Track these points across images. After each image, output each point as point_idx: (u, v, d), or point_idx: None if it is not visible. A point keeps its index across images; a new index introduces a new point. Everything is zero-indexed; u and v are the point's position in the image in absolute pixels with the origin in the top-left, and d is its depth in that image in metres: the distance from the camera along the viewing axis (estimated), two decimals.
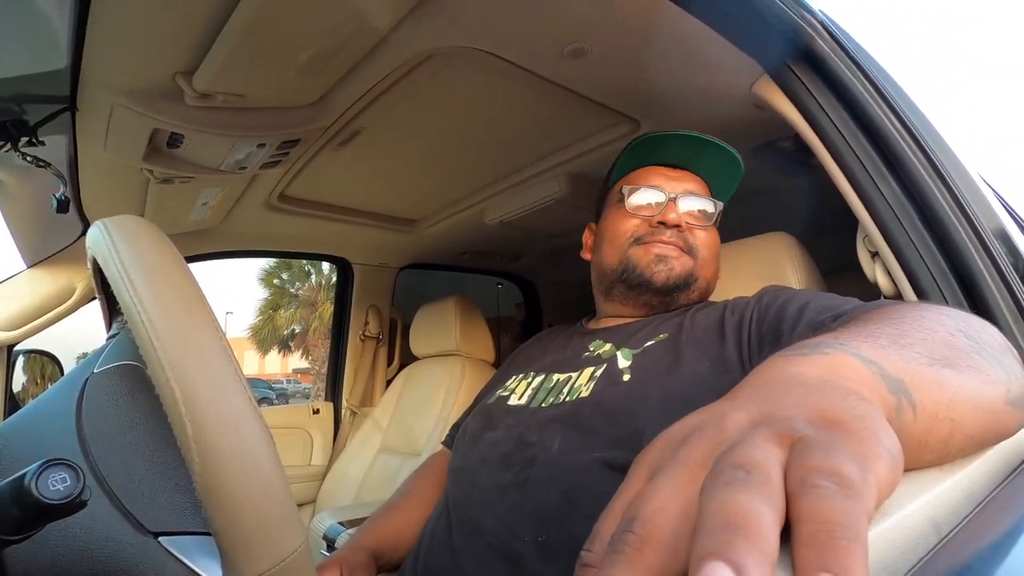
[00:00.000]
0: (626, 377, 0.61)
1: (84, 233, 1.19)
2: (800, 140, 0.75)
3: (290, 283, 15.72)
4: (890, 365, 0.27)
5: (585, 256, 0.84)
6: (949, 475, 0.27)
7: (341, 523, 1.15)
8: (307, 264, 14.30)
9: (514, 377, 0.75)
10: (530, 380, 0.71)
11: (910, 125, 0.66)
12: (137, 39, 0.71)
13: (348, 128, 1.01)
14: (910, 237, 0.65)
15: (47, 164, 0.89)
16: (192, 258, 1.49)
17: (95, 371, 0.39)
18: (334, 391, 1.82)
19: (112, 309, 0.46)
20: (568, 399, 0.62)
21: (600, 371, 0.64)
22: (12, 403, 1.25)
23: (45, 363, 1.36)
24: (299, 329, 16.00)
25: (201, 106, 0.84)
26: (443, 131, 1.05)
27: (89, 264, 0.40)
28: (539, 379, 0.70)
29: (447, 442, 0.84)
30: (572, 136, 1.09)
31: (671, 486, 0.18)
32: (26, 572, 0.31)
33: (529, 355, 0.82)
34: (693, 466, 0.19)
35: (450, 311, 1.52)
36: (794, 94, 0.73)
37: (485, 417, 0.70)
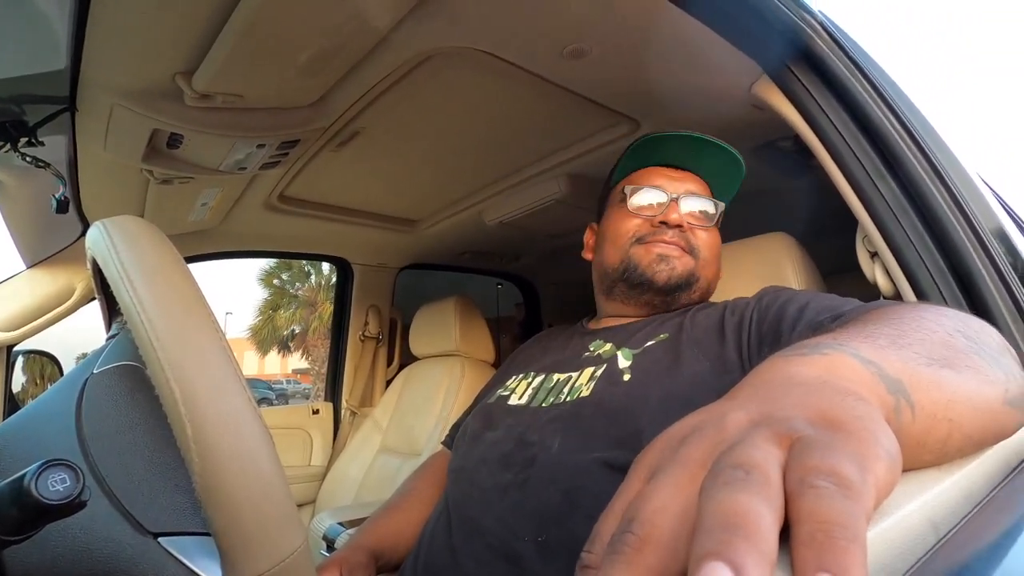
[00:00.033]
0: (626, 377, 0.61)
1: (83, 233, 1.19)
2: (800, 141, 0.75)
3: (290, 283, 15.72)
4: (889, 365, 0.27)
5: (586, 256, 0.84)
6: (947, 475, 0.27)
7: (341, 523, 1.14)
8: (307, 264, 14.29)
9: (514, 377, 0.75)
10: (530, 380, 0.71)
11: (909, 125, 0.66)
12: (137, 39, 0.71)
13: (348, 128, 1.01)
14: (909, 237, 0.65)
15: (47, 164, 0.89)
16: (192, 258, 1.49)
17: (95, 371, 0.39)
18: (334, 391, 1.82)
19: (112, 309, 0.46)
20: (568, 399, 0.62)
21: (600, 371, 0.64)
22: (11, 403, 1.25)
23: (44, 363, 1.36)
24: (299, 329, 15.99)
25: (201, 106, 0.84)
26: (443, 131, 1.05)
27: (89, 265, 0.40)
28: (539, 379, 0.70)
29: (447, 442, 0.84)
30: (572, 136, 1.09)
31: (670, 486, 0.18)
32: (26, 572, 0.31)
33: (529, 355, 0.82)
34: (692, 466, 0.19)
35: (450, 311, 1.52)
36: (793, 94, 0.73)
37: (485, 417, 0.70)
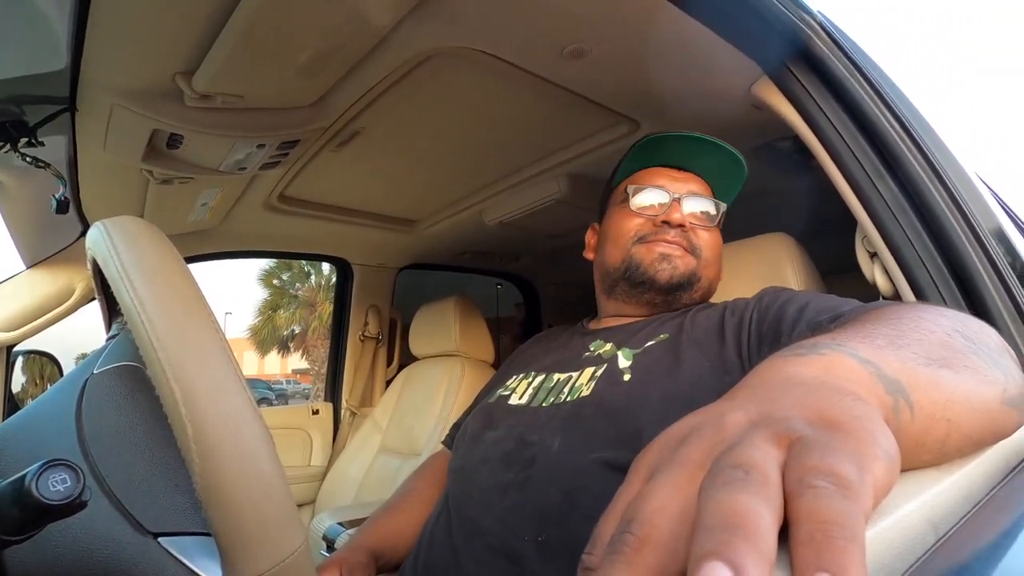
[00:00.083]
0: (626, 377, 0.61)
1: (83, 234, 1.19)
2: (799, 141, 0.75)
3: (290, 284, 15.71)
4: (887, 365, 0.27)
5: (588, 256, 0.84)
6: (946, 475, 0.27)
7: (341, 523, 1.15)
8: (307, 264, 14.29)
9: (515, 377, 0.75)
10: (531, 380, 0.71)
11: (908, 125, 0.66)
12: (137, 40, 0.71)
13: (348, 128, 1.01)
14: (908, 237, 0.65)
15: (46, 165, 0.89)
16: (192, 259, 1.49)
17: (95, 372, 0.39)
18: (333, 391, 1.82)
19: (112, 310, 0.46)
20: (569, 399, 0.62)
21: (601, 371, 0.64)
22: (11, 404, 1.25)
23: (44, 364, 1.36)
24: (298, 329, 15.99)
25: (201, 107, 0.84)
26: (443, 131, 1.05)
27: (89, 265, 0.40)
28: (540, 379, 0.70)
29: (447, 442, 0.85)
30: (572, 137, 1.09)
31: (670, 486, 0.18)
32: (26, 572, 0.31)
33: (530, 355, 0.82)
34: (692, 466, 0.19)
35: (450, 311, 1.52)
36: (793, 95, 0.73)
37: (485, 417, 0.70)
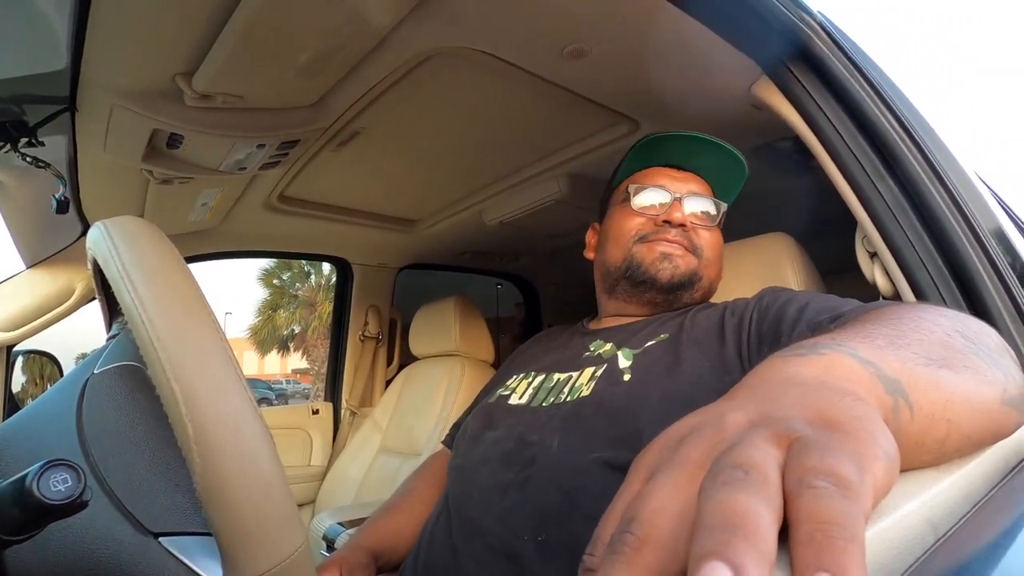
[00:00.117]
0: (627, 377, 0.61)
1: (84, 233, 1.19)
2: (799, 141, 0.75)
3: (290, 283, 15.71)
4: (887, 366, 0.27)
5: (588, 255, 0.84)
6: (946, 475, 0.27)
7: (341, 523, 1.15)
8: (307, 264, 14.29)
9: (515, 377, 0.75)
10: (531, 380, 0.71)
11: (908, 125, 0.66)
12: (137, 40, 0.71)
13: (348, 129, 1.01)
14: (908, 237, 0.65)
15: (47, 165, 0.89)
16: (192, 258, 1.49)
17: (95, 372, 0.39)
18: (333, 391, 1.82)
19: (112, 310, 0.46)
20: (569, 399, 0.62)
21: (601, 371, 0.64)
22: (11, 404, 1.25)
23: (44, 363, 1.36)
24: (298, 329, 15.99)
25: (201, 107, 0.84)
26: (443, 131, 1.05)
27: (89, 265, 0.40)
28: (540, 379, 0.70)
29: (447, 441, 0.85)
30: (571, 136, 1.09)
31: (669, 486, 0.18)
32: (27, 572, 0.31)
33: (530, 355, 0.82)
34: (691, 466, 0.19)
35: (450, 311, 1.52)
36: (792, 95, 0.73)
37: (486, 416, 0.70)
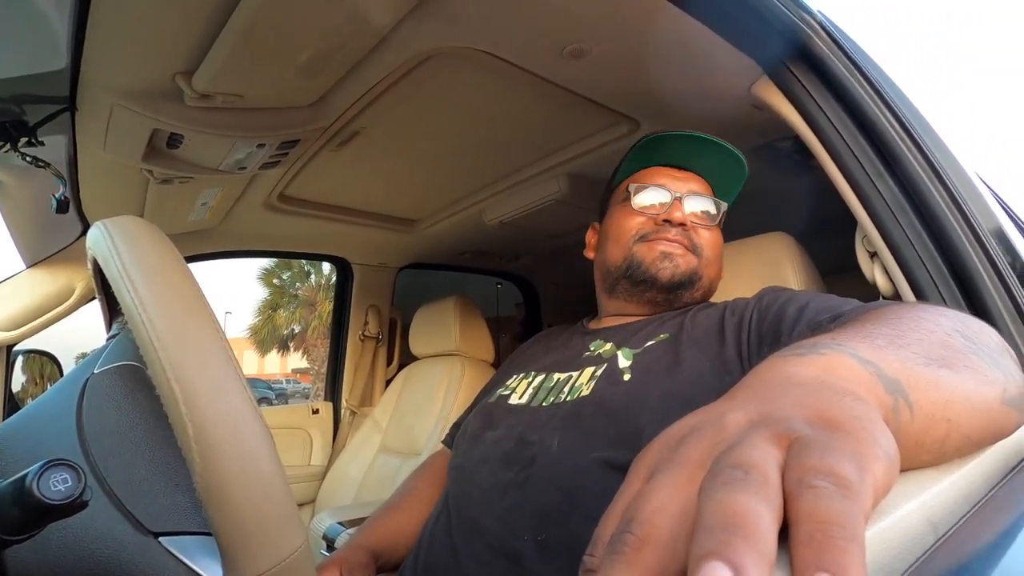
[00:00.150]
0: (626, 377, 0.61)
1: (83, 233, 1.19)
2: (799, 140, 0.75)
3: (290, 283, 15.72)
4: (887, 365, 0.27)
5: (588, 255, 0.85)
6: (946, 475, 0.27)
7: (341, 523, 1.15)
8: (307, 264, 14.29)
9: (515, 376, 0.75)
10: (531, 379, 0.71)
11: (908, 125, 0.66)
12: (137, 39, 0.71)
13: (348, 128, 1.01)
14: (908, 237, 0.65)
15: (46, 164, 0.89)
16: (192, 258, 1.49)
17: (95, 371, 0.39)
18: (333, 391, 1.82)
19: (112, 309, 0.46)
20: (569, 398, 0.62)
21: (601, 370, 0.64)
22: (11, 403, 1.25)
23: (44, 363, 1.36)
24: (298, 329, 15.99)
25: (201, 106, 0.84)
26: (443, 131, 1.05)
27: (89, 264, 0.40)
28: (540, 378, 0.70)
29: (447, 441, 0.85)
30: (572, 136, 1.09)
31: (669, 486, 0.18)
32: (26, 572, 0.31)
33: (530, 355, 0.83)
34: (691, 466, 0.19)
35: (449, 311, 1.52)
36: (792, 94, 0.73)
37: (486, 416, 0.70)
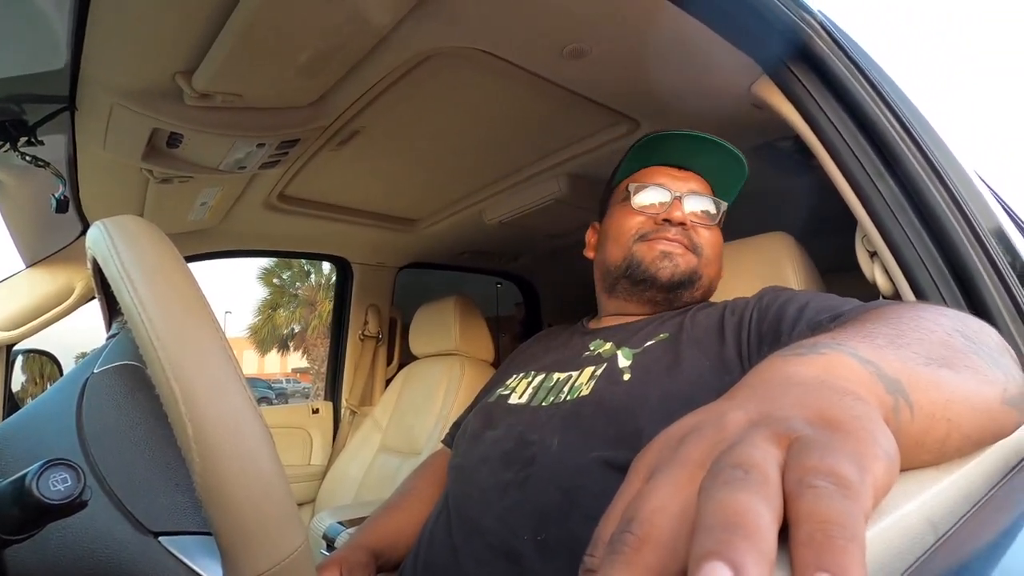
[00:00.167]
0: (626, 376, 0.61)
1: (83, 233, 1.19)
2: (799, 140, 0.75)
3: (290, 283, 15.72)
4: (887, 365, 0.27)
5: (588, 255, 0.84)
6: (946, 475, 0.27)
7: (341, 522, 1.15)
8: (307, 263, 14.30)
9: (515, 376, 0.75)
10: (531, 379, 0.71)
11: (908, 125, 0.66)
12: (136, 39, 0.71)
13: (347, 128, 1.01)
14: (908, 237, 0.65)
15: (46, 164, 0.89)
16: (191, 258, 1.49)
17: (95, 371, 0.39)
18: (333, 390, 1.82)
19: (112, 309, 0.46)
20: (568, 398, 0.62)
21: (600, 370, 0.64)
22: (11, 403, 1.25)
23: (44, 363, 1.36)
24: (298, 328, 15.99)
25: (200, 106, 0.84)
26: (442, 131, 1.05)
27: (89, 264, 0.40)
28: (540, 378, 0.70)
29: (447, 440, 0.85)
30: (571, 136, 1.09)
31: (670, 486, 0.18)
32: (26, 572, 0.31)
33: (530, 354, 0.83)
34: (691, 466, 0.19)
35: (449, 311, 1.52)
36: (793, 94, 0.73)
37: (485, 416, 0.70)
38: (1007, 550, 0.26)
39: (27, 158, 0.85)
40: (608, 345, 0.69)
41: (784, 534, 0.16)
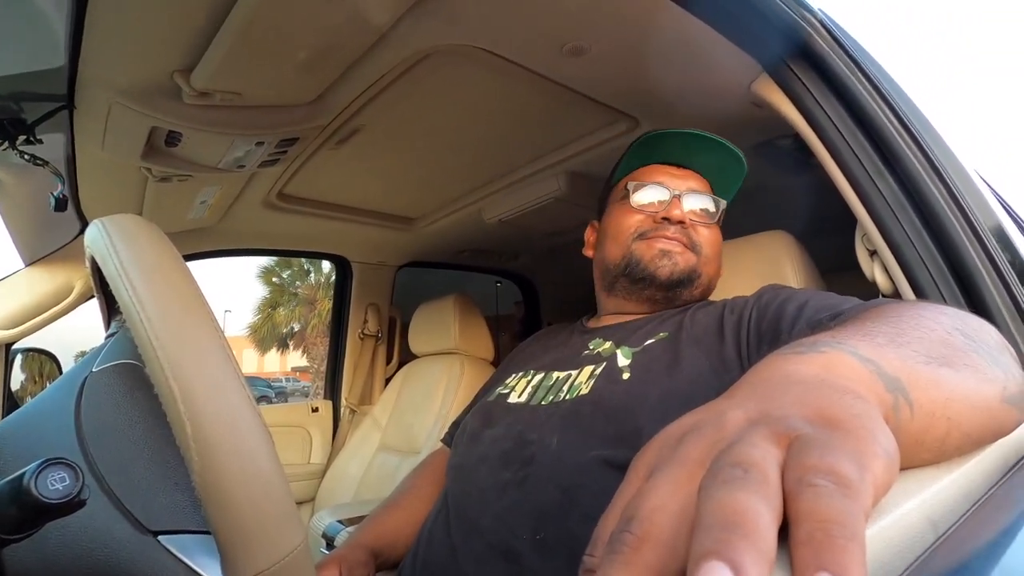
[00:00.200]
0: (626, 375, 0.61)
1: (82, 231, 1.19)
2: (799, 139, 0.75)
3: (289, 281, 15.71)
4: (887, 363, 0.27)
5: (587, 253, 0.84)
6: (946, 473, 0.27)
7: (340, 521, 1.15)
8: (306, 262, 14.29)
9: (514, 375, 0.75)
10: (530, 378, 0.71)
11: (908, 123, 0.66)
12: (135, 37, 0.71)
13: (347, 126, 1.01)
14: (908, 235, 0.65)
15: (45, 162, 0.89)
16: (190, 256, 1.49)
17: (94, 370, 0.39)
18: (333, 389, 1.82)
19: (111, 308, 0.46)
20: (568, 397, 0.62)
21: (600, 369, 0.64)
22: (10, 402, 1.25)
23: (43, 362, 1.36)
24: (298, 327, 16.00)
25: (199, 104, 0.83)
26: (442, 129, 1.05)
27: (88, 263, 0.40)
28: (539, 377, 0.70)
29: (446, 439, 0.85)
30: (571, 134, 1.09)
31: (669, 484, 0.18)
32: (25, 572, 0.31)
33: (529, 353, 0.82)
34: (691, 465, 0.19)
35: (449, 309, 1.52)
36: (793, 92, 0.73)
37: (485, 415, 0.70)
38: (1007, 549, 0.26)
39: (26, 157, 0.85)
40: (607, 344, 0.69)
41: (784, 533, 0.16)
